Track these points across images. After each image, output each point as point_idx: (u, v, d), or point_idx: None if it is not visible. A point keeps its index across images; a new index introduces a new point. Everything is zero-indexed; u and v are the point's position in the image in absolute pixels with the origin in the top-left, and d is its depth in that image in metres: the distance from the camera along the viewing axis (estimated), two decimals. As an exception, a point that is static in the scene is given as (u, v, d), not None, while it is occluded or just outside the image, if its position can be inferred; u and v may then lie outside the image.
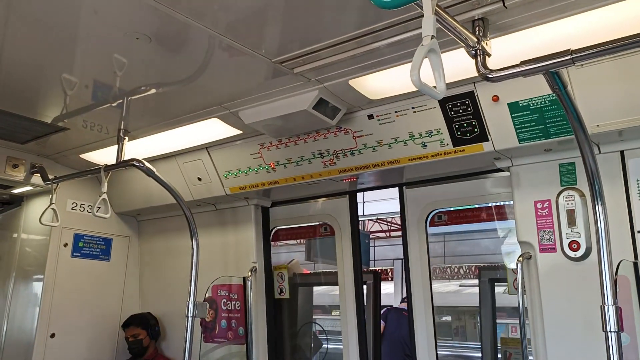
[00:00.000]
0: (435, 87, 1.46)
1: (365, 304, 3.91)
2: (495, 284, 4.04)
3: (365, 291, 4.06)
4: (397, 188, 3.67)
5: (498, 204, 3.40)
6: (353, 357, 3.65)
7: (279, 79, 2.65)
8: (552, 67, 1.74)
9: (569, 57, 1.69)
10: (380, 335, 4.25)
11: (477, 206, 3.53)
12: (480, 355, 4.18)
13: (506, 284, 3.30)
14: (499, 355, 3.75)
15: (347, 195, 3.84)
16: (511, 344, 3.72)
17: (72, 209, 4.36)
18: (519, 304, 2.82)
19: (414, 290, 3.57)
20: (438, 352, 3.46)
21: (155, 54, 2.40)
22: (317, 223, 4.17)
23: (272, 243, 4.26)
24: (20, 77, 2.71)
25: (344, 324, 3.73)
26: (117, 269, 4.65)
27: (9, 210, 4.85)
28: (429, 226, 3.58)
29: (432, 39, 1.39)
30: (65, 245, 4.30)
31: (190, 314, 3.35)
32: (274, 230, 4.25)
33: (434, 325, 3.50)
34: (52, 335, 4.14)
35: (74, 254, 4.35)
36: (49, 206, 3.75)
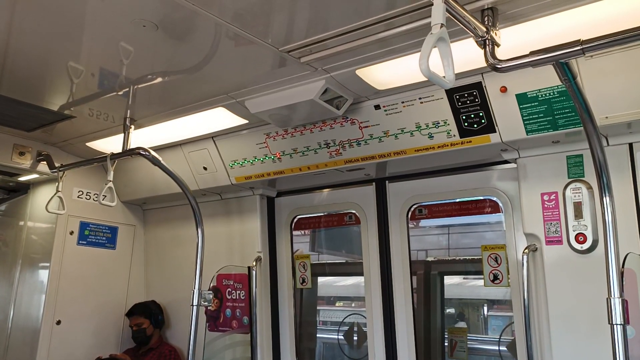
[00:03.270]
0: (444, 76, 1.45)
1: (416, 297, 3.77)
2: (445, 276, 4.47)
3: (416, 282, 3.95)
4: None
5: (478, 198, 3.42)
6: (379, 350, 3.62)
7: (286, 68, 2.64)
8: (561, 58, 1.73)
9: (579, 48, 1.67)
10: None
11: (457, 200, 3.55)
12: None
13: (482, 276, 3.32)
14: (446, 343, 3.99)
15: (374, 183, 3.76)
16: (457, 333, 3.98)
17: (78, 197, 4.38)
18: (523, 297, 2.82)
19: (395, 282, 3.58)
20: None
21: (161, 42, 2.39)
22: (341, 212, 4.08)
23: (293, 232, 4.25)
24: (26, 65, 2.71)
25: (369, 318, 3.68)
26: (123, 257, 4.67)
27: (15, 198, 4.87)
28: (411, 219, 3.65)
29: (441, 27, 1.38)
30: (71, 233, 4.32)
31: (195, 302, 3.36)
32: (295, 219, 4.22)
33: (413, 319, 3.52)
34: (58, 322, 4.17)
35: (80, 242, 4.37)
36: (55, 194, 3.76)
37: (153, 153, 3.27)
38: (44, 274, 4.24)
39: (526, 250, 2.82)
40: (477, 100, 2.67)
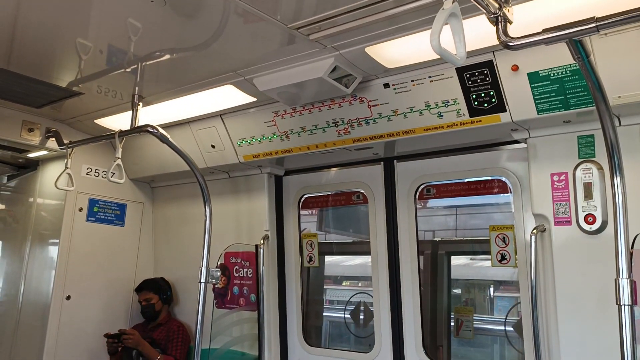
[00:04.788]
0: (455, 53, 1.43)
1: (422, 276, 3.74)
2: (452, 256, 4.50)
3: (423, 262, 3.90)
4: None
5: (487, 178, 3.40)
6: (385, 329, 3.65)
7: (295, 46, 2.61)
8: (575, 35, 1.69)
9: (593, 25, 1.63)
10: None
11: (466, 180, 3.53)
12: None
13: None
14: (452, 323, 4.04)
15: (382, 162, 3.75)
16: (463, 312, 4.00)
17: (87, 174, 4.40)
18: (530, 277, 2.81)
19: (402, 262, 3.59)
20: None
21: (169, 18, 2.38)
22: (349, 191, 4.07)
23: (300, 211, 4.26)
24: (35, 41, 2.70)
25: (376, 297, 3.70)
26: (131, 234, 4.70)
27: (24, 175, 4.90)
28: (419, 199, 3.64)
29: (453, 2, 1.35)
30: (81, 209, 4.35)
31: (202, 279, 3.38)
32: (303, 198, 4.22)
33: (420, 298, 3.53)
34: (68, 298, 4.22)
35: (89, 218, 4.40)
36: (64, 171, 3.77)
37: (161, 130, 3.26)
38: (54, 250, 4.28)
39: (534, 231, 2.81)
40: (487, 79, 2.64)
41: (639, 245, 2.33)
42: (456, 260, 4.85)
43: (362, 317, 5.05)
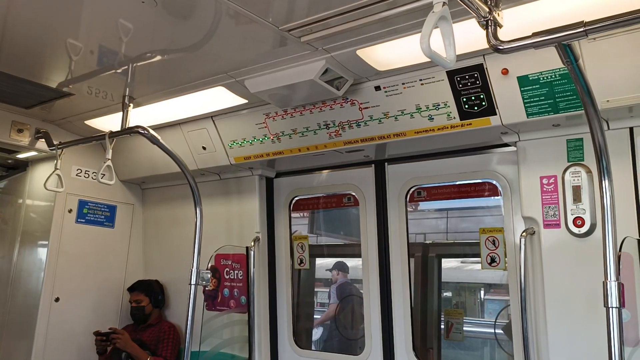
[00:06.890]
0: (445, 57, 1.44)
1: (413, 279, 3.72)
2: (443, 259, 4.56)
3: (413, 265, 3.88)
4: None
5: (477, 181, 3.42)
6: (375, 331, 3.65)
7: (286, 48, 2.61)
8: (564, 39, 1.70)
9: (582, 29, 1.65)
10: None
11: (457, 183, 3.55)
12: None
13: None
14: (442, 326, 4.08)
15: (373, 165, 3.76)
16: (453, 315, 4.05)
17: (76, 175, 4.37)
18: (519, 280, 2.83)
19: (392, 264, 3.60)
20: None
21: (161, 19, 2.37)
22: (340, 193, 4.07)
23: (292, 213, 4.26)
24: (25, 41, 2.68)
25: (367, 299, 3.70)
26: (121, 235, 4.68)
27: (14, 176, 4.86)
28: (410, 201, 3.66)
29: (443, 5, 1.36)
30: (70, 211, 4.32)
31: (193, 281, 3.37)
32: (294, 200, 4.22)
33: (410, 303, 3.53)
34: (57, 299, 4.19)
35: (79, 220, 4.37)
36: (53, 172, 3.74)
37: (152, 132, 3.25)
38: (43, 252, 4.25)
39: (524, 234, 2.83)
40: (478, 82, 2.66)
41: (627, 248, 2.35)
42: (447, 262, 4.87)
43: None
